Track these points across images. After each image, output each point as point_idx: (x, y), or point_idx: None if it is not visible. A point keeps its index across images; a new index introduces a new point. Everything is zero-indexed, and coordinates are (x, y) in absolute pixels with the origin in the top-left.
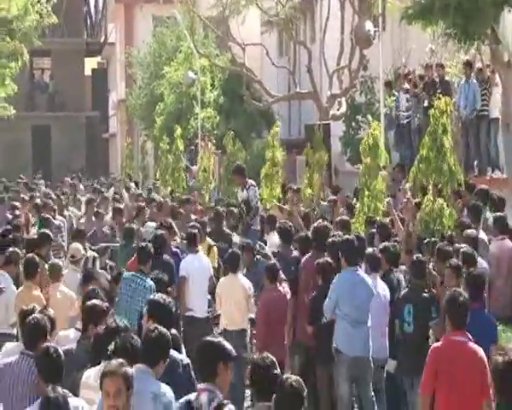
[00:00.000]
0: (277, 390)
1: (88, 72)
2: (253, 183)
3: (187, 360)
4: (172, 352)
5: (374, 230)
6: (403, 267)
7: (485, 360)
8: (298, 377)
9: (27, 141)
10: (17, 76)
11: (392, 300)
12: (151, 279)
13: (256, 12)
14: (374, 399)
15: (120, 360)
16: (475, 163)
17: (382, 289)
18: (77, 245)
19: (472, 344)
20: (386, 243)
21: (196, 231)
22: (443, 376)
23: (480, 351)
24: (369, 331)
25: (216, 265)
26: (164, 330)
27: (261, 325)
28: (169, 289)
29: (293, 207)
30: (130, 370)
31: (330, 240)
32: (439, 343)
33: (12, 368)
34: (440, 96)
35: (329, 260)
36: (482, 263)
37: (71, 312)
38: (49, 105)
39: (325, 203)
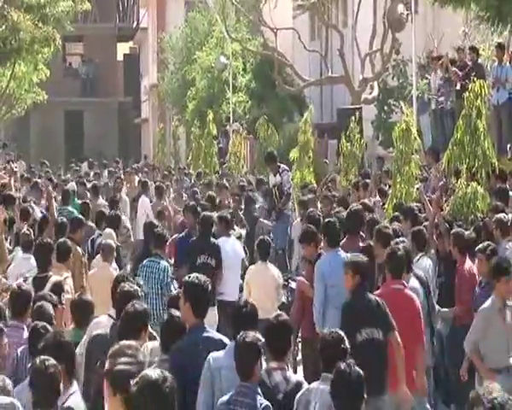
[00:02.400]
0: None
1: (120, 57)
2: (286, 167)
3: (228, 342)
4: (212, 333)
5: (397, 213)
6: (432, 251)
7: (419, 306)
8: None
9: (60, 126)
10: (50, 61)
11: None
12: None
13: None
14: None
15: None
16: (508, 146)
17: None
18: (110, 231)
19: (408, 291)
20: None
21: (229, 215)
22: None
23: (415, 298)
24: None
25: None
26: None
27: (296, 302)
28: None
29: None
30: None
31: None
32: (379, 291)
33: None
34: (474, 79)
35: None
36: None
37: None
38: (82, 90)
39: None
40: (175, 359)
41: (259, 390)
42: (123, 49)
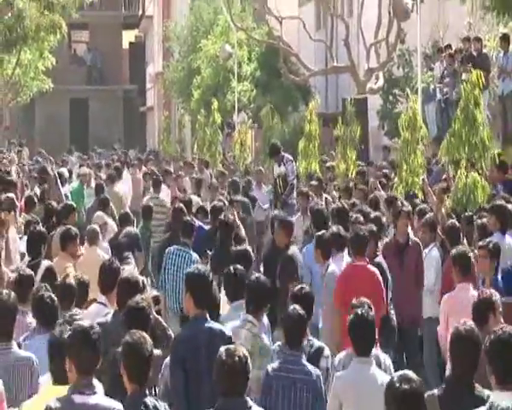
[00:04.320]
0: None
1: (125, 45)
2: (290, 157)
3: (229, 334)
4: (214, 324)
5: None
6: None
7: (381, 279)
8: None
9: (65, 114)
10: (55, 49)
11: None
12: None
13: None
14: None
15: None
16: None
17: None
18: (100, 213)
19: (370, 267)
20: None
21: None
22: (349, 295)
23: (377, 272)
24: None
25: None
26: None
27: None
28: None
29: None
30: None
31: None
32: (345, 269)
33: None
34: (472, 69)
35: None
36: None
37: None
38: (87, 78)
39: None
40: (176, 351)
41: (304, 357)
42: (128, 37)
